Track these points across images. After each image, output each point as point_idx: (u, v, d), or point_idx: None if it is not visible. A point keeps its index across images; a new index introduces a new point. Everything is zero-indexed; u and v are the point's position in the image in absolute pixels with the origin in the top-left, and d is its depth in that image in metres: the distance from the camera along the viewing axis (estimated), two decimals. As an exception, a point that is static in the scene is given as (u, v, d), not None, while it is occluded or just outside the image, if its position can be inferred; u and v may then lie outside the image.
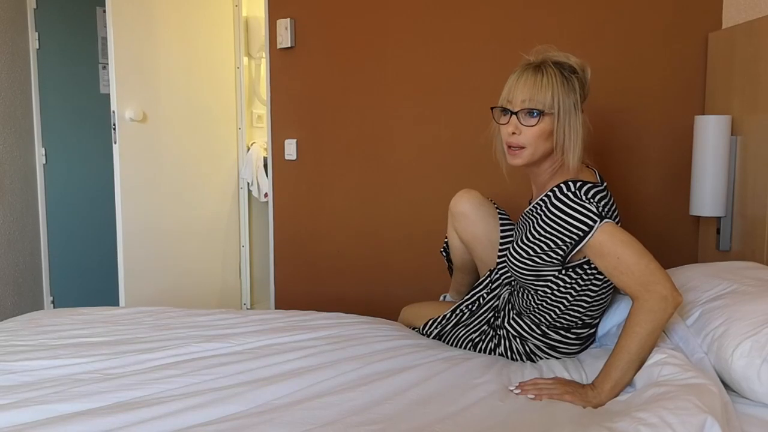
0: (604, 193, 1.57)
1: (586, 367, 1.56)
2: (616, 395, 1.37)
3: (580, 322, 1.66)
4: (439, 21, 2.45)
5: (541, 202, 1.59)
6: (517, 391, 1.41)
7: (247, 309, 3.59)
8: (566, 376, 1.52)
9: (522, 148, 1.57)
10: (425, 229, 2.54)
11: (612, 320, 1.71)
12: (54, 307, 3.62)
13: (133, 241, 2.93)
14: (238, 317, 1.96)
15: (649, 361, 1.37)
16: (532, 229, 1.59)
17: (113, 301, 3.10)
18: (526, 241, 1.60)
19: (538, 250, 1.56)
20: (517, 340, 1.71)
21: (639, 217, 2.25)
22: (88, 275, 3.74)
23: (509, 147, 1.60)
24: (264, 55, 3.02)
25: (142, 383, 1.42)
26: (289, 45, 2.78)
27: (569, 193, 1.52)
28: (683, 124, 2.17)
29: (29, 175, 3.50)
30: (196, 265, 3.29)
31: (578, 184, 1.54)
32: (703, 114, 2.16)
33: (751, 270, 1.60)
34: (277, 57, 2.86)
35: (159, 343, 1.69)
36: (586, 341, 1.71)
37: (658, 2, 2.17)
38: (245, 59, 3.51)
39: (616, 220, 1.57)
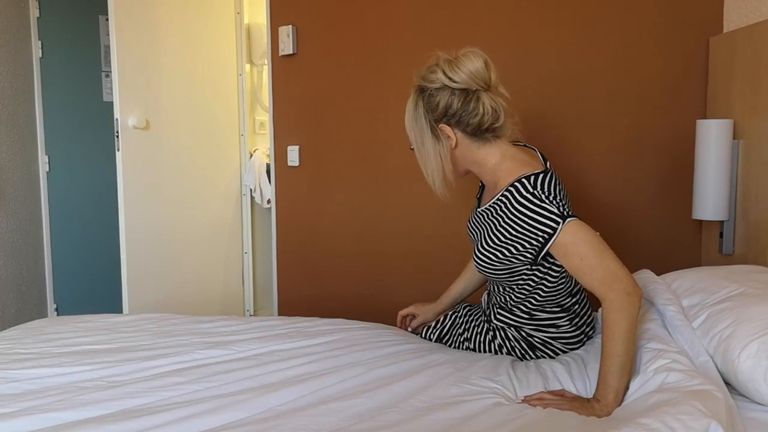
0: (554, 178, 1.58)
1: (590, 372, 1.56)
2: (621, 402, 1.37)
3: (561, 297, 1.68)
4: (439, 27, 2.45)
5: (500, 203, 1.60)
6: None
7: (251, 315, 3.59)
8: (570, 386, 1.51)
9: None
10: (427, 234, 2.54)
11: None
12: (57, 315, 3.62)
13: (137, 247, 2.93)
14: (241, 324, 1.96)
15: (653, 366, 1.38)
16: (496, 230, 1.60)
17: (117, 308, 3.10)
18: (492, 243, 1.61)
19: (507, 254, 1.59)
20: (512, 328, 1.73)
21: (641, 220, 2.25)
22: (91, 282, 3.75)
23: None
24: (266, 62, 3.02)
25: (146, 391, 1.42)
26: (290, 52, 2.79)
27: (528, 195, 1.53)
28: (685, 128, 2.17)
29: (32, 183, 3.50)
30: (199, 272, 3.30)
31: (532, 180, 1.54)
32: (705, 118, 2.16)
33: (759, 273, 1.60)
34: (279, 64, 2.87)
35: (162, 350, 1.70)
36: (576, 315, 1.71)
37: (659, 7, 2.17)
38: (247, 66, 3.52)
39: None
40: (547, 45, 2.30)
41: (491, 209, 1.63)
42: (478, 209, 1.73)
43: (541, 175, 1.56)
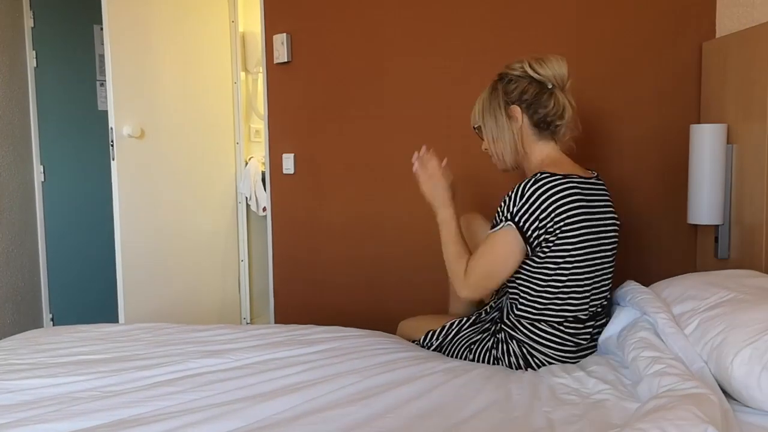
0: (565, 185, 1.64)
1: (588, 369, 1.58)
2: (438, 220, 1.81)
3: (552, 313, 1.71)
4: (434, 34, 2.46)
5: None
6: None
7: (247, 323, 3.58)
8: (566, 378, 1.54)
9: (491, 156, 1.85)
10: (424, 242, 2.54)
11: (614, 327, 1.73)
12: (53, 325, 3.61)
13: (132, 256, 2.93)
14: (236, 332, 1.96)
15: (649, 371, 1.38)
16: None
17: (113, 318, 3.09)
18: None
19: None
20: (514, 341, 1.75)
21: (637, 226, 2.25)
22: (87, 292, 3.73)
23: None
24: (261, 70, 3.03)
25: (141, 400, 1.41)
26: (285, 60, 2.80)
27: (519, 186, 1.66)
28: (679, 133, 2.18)
29: (28, 193, 3.50)
30: (195, 280, 3.29)
31: (537, 176, 1.65)
32: (699, 123, 2.16)
33: (750, 278, 1.60)
34: (274, 72, 2.88)
35: (158, 359, 1.69)
36: (574, 336, 1.72)
37: (652, 12, 2.18)
38: (242, 74, 3.52)
39: (573, 212, 1.64)
40: (541, 51, 2.31)
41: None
42: None
43: (546, 175, 1.64)
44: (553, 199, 1.62)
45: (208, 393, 1.45)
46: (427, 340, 1.92)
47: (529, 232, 1.63)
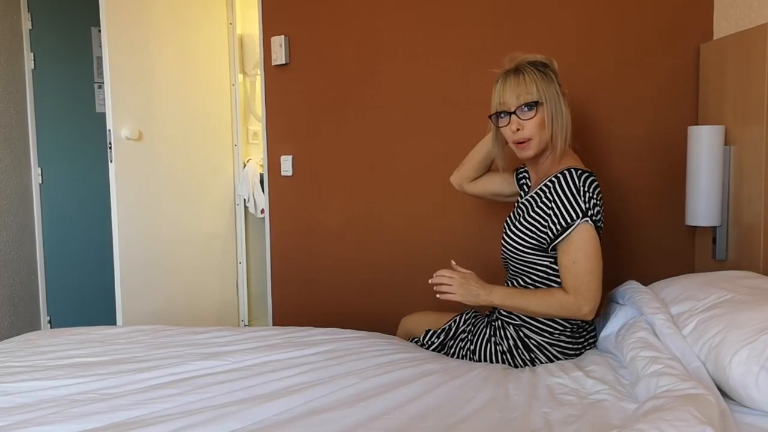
0: (597, 183, 1.71)
1: (586, 368, 1.58)
2: (498, 305, 1.71)
3: None
4: (431, 35, 2.46)
5: (549, 184, 1.71)
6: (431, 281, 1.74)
7: (245, 325, 3.57)
8: (567, 383, 1.54)
9: (529, 140, 1.74)
10: (422, 243, 2.54)
11: (612, 326, 1.75)
12: (51, 327, 3.60)
13: (130, 259, 2.92)
14: (234, 334, 1.96)
15: (647, 371, 1.39)
16: (534, 209, 1.73)
17: (111, 320, 3.09)
18: (525, 222, 1.74)
19: (533, 230, 1.71)
20: (510, 327, 1.78)
21: (635, 227, 2.26)
22: (85, 294, 3.73)
23: (517, 143, 1.76)
24: (259, 72, 3.03)
25: (140, 403, 1.41)
26: (283, 62, 2.80)
27: (570, 183, 1.67)
28: (677, 135, 2.18)
29: (26, 195, 3.49)
30: (193, 283, 3.28)
31: (579, 172, 1.68)
32: (697, 124, 2.17)
33: (747, 279, 1.61)
34: (272, 74, 2.88)
35: (156, 362, 1.69)
36: (580, 327, 1.77)
37: (649, 14, 2.19)
38: (240, 76, 3.52)
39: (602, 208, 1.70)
40: (538, 53, 2.31)
41: (536, 193, 1.75)
42: (525, 197, 1.83)
43: (587, 173, 1.69)
44: (601, 195, 1.70)
45: (206, 395, 1.45)
46: (428, 339, 1.93)
47: (599, 224, 1.68)
